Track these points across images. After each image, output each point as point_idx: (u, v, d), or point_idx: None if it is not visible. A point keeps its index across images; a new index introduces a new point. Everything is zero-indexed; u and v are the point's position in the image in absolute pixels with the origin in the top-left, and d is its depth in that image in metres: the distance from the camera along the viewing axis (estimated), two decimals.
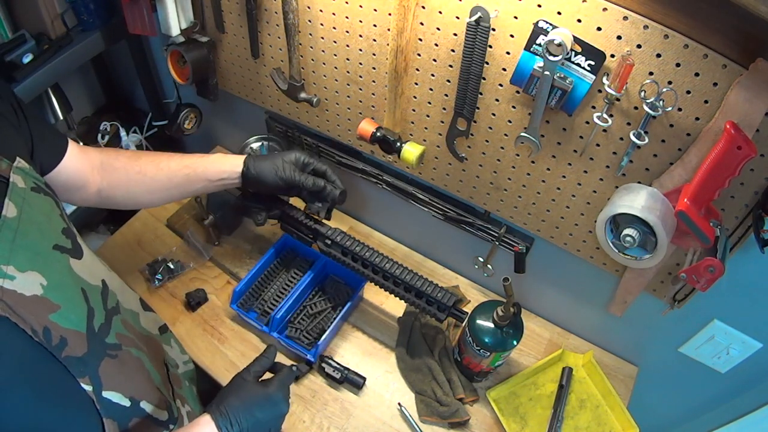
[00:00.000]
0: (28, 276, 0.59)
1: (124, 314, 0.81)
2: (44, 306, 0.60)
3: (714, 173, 0.72)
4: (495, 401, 1.13)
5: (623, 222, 0.85)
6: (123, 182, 0.95)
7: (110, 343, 0.72)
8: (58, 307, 0.62)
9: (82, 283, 0.69)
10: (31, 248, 0.61)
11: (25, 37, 1.14)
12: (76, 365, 0.64)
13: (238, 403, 0.79)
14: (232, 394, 0.80)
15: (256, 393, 0.82)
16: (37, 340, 0.58)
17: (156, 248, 1.37)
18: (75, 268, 0.68)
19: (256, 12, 1.09)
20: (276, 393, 0.84)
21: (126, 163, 0.96)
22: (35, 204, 0.65)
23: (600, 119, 0.81)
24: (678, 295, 0.98)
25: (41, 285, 0.60)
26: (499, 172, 1.02)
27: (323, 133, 1.26)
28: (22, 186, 0.64)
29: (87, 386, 0.65)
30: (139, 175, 0.96)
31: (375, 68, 1.02)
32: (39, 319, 0.59)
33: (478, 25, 0.82)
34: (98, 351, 0.69)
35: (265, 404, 0.82)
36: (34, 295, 0.59)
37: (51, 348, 0.60)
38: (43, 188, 0.68)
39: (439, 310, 1.07)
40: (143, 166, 0.96)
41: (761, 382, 1.06)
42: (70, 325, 0.64)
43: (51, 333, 0.60)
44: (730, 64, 0.69)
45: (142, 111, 1.70)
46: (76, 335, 0.65)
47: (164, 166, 0.97)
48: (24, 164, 0.66)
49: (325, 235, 1.13)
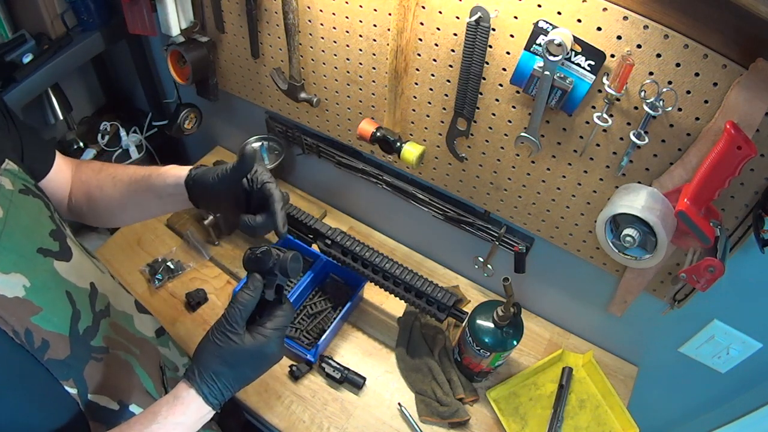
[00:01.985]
0: (11, 278, 0.59)
1: (114, 317, 0.79)
2: (26, 308, 0.60)
3: (714, 173, 0.72)
4: (495, 401, 1.13)
5: (623, 222, 0.85)
6: (86, 197, 0.86)
7: (96, 345, 0.71)
8: (40, 310, 0.61)
9: (68, 285, 0.68)
10: (16, 250, 0.61)
11: (25, 37, 1.14)
12: (59, 368, 0.63)
13: (225, 369, 0.66)
14: (213, 354, 0.66)
15: (243, 349, 0.66)
16: (19, 342, 0.58)
17: (156, 248, 1.37)
18: (61, 270, 0.67)
19: (256, 12, 1.09)
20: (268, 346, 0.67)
21: (90, 175, 0.86)
22: (22, 206, 0.64)
23: (600, 119, 0.81)
24: (678, 295, 0.98)
25: (24, 287, 0.60)
26: (499, 172, 1.02)
27: (323, 133, 1.26)
28: (10, 188, 0.64)
29: (71, 389, 0.65)
30: (98, 190, 0.85)
31: (375, 68, 1.02)
32: (21, 321, 0.59)
33: (478, 25, 0.82)
34: (82, 354, 0.68)
35: (256, 360, 0.68)
36: (16, 296, 0.59)
37: (33, 350, 0.60)
38: (33, 190, 0.68)
39: (439, 310, 1.07)
40: (102, 180, 0.85)
41: (761, 382, 1.06)
42: (52, 327, 0.63)
43: (33, 335, 0.60)
44: (730, 64, 0.69)
45: (142, 111, 1.70)
46: (59, 338, 0.64)
47: (119, 178, 0.84)
48: (13, 166, 0.66)
49: (325, 235, 1.13)
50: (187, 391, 0.64)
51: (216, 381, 0.65)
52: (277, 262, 0.69)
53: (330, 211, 1.49)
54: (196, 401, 0.64)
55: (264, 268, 0.69)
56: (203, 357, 0.66)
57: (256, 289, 0.68)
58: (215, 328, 0.67)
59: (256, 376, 0.69)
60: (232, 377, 0.66)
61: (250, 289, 0.68)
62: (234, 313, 0.66)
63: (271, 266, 0.68)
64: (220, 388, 0.65)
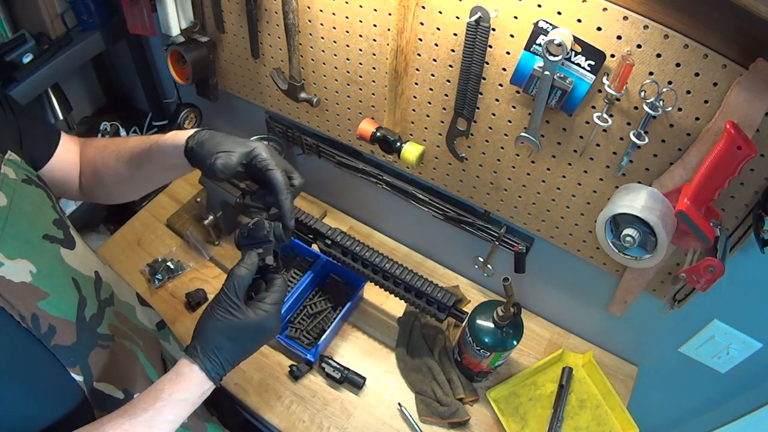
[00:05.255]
0: (17, 263, 0.59)
1: (118, 306, 0.80)
2: (33, 293, 0.60)
3: (714, 173, 0.72)
4: (495, 401, 1.13)
5: (623, 222, 0.85)
6: (93, 174, 0.86)
7: (102, 333, 0.72)
8: (47, 295, 0.62)
9: (74, 273, 0.69)
10: (21, 237, 0.61)
11: (25, 37, 1.14)
12: (66, 354, 0.64)
13: (227, 344, 0.66)
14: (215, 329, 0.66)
15: (245, 323, 0.67)
16: (25, 327, 0.58)
17: (156, 248, 1.37)
18: (66, 258, 0.68)
19: (256, 12, 1.09)
20: (269, 320, 0.68)
21: (95, 154, 0.86)
22: (26, 195, 0.65)
23: (600, 119, 0.81)
24: (678, 295, 0.98)
25: (30, 272, 0.60)
26: (499, 172, 1.02)
27: (323, 133, 1.26)
28: (13, 177, 0.65)
29: (77, 376, 0.65)
30: (104, 167, 0.85)
31: (375, 68, 1.02)
32: (27, 306, 0.59)
33: (478, 25, 0.82)
34: (88, 341, 0.69)
35: (257, 334, 0.69)
36: (23, 282, 0.59)
37: (39, 335, 0.60)
38: (35, 180, 0.69)
39: (439, 310, 1.07)
40: (107, 156, 0.85)
41: (761, 382, 1.06)
42: (59, 313, 0.63)
43: (39, 320, 0.60)
44: (730, 64, 0.69)
45: (142, 111, 1.70)
46: (65, 324, 0.64)
47: (122, 152, 0.83)
48: (15, 157, 0.67)
49: (325, 235, 1.13)
50: (190, 367, 0.65)
51: (218, 355, 0.66)
52: (270, 229, 0.71)
53: (330, 211, 1.49)
54: (198, 377, 0.65)
55: (260, 235, 0.71)
56: (204, 333, 0.67)
57: (252, 264, 0.69)
58: (215, 304, 0.67)
59: (254, 349, 0.70)
60: (233, 351, 0.67)
61: (246, 264, 0.69)
62: (233, 288, 0.67)
63: (265, 233, 0.70)
64: (221, 362, 0.66)
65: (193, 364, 0.65)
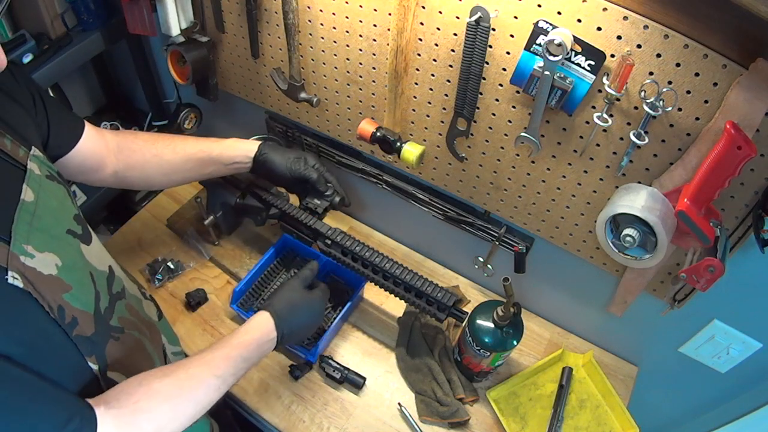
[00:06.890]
0: (45, 256, 0.62)
1: (128, 299, 0.84)
2: (58, 285, 0.63)
3: (714, 173, 0.72)
4: (495, 401, 1.13)
5: (623, 222, 0.85)
6: (139, 164, 0.99)
7: (114, 326, 0.76)
8: (70, 288, 0.65)
9: (90, 267, 0.72)
10: (47, 231, 0.64)
11: (25, 37, 1.13)
12: (85, 344, 0.67)
13: (290, 307, 0.94)
14: (285, 299, 0.95)
15: (306, 300, 0.98)
16: (53, 317, 0.61)
17: (156, 248, 1.37)
18: (85, 252, 0.71)
19: (256, 12, 1.09)
20: (320, 303, 1.01)
21: (143, 145, 1.00)
22: (50, 190, 0.68)
23: (600, 119, 0.81)
24: (678, 295, 0.98)
25: (56, 265, 0.63)
26: (499, 172, 1.02)
27: (323, 133, 1.26)
28: (38, 173, 0.67)
29: (94, 365, 0.69)
30: (156, 158, 1.00)
31: (375, 68, 1.02)
32: (54, 297, 0.62)
33: (478, 25, 0.82)
34: (104, 332, 0.72)
35: (312, 312, 0.98)
36: (50, 274, 0.62)
37: (64, 325, 0.63)
38: (56, 177, 0.72)
39: (439, 310, 1.07)
40: (160, 149, 1.01)
41: (761, 382, 1.06)
42: (80, 305, 0.66)
43: (65, 311, 0.63)
44: (730, 64, 0.69)
45: (142, 111, 1.70)
46: (85, 315, 0.67)
47: (180, 149, 1.02)
48: (39, 153, 0.69)
49: (325, 235, 1.13)
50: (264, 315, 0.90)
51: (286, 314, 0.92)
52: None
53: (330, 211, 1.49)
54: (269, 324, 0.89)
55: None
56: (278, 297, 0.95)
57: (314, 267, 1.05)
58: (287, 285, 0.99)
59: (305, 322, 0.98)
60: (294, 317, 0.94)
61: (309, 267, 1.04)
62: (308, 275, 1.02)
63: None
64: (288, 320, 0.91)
65: (266, 312, 0.90)
